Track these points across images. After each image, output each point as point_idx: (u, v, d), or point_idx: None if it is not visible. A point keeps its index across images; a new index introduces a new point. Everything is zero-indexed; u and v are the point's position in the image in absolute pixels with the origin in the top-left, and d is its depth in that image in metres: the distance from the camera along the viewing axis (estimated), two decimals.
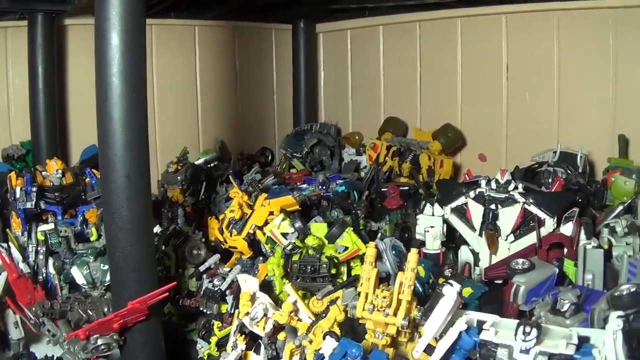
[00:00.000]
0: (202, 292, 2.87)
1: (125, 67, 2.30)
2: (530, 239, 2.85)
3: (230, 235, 3.04)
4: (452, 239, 3.10)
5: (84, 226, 3.18)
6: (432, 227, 3.01)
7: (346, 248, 2.66)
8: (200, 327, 2.84)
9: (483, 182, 2.96)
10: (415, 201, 3.59)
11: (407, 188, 3.64)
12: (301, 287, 2.58)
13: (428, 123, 4.41)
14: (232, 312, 2.72)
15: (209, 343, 2.77)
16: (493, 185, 2.92)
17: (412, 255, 2.12)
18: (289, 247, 2.67)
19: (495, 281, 2.78)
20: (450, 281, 2.13)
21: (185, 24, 4.60)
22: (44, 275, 2.94)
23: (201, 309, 2.80)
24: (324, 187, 3.62)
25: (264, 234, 2.95)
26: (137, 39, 2.34)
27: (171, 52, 4.54)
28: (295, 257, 2.66)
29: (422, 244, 3.04)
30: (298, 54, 5.01)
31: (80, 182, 3.38)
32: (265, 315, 2.46)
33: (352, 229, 2.69)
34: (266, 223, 3.01)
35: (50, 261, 2.85)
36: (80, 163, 3.77)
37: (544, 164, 3.54)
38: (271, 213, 3.01)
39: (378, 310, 2.11)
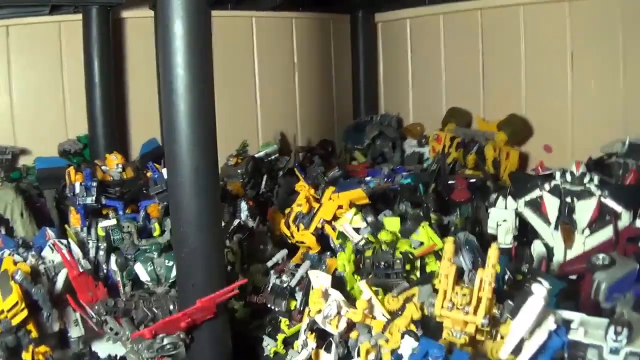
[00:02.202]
0: (269, 289, 2.76)
1: (191, 57, 2.23)
2: (606, 233, 2.72)
3: (298, 230, 2.93)
4: (523, 233, 2.94)
5: (147, 221, 3.12)
6: (504, 220, 2.87)
7: (421, 243, 2.53)
8: (267, 323, 2.74)
9: (557, 175, 2.82)
10: (483, 194, 3.43)
11: (474, 180, 3.49)
12: (374, 284, 2.46)
13: (492, 113, 4.27)
14: (302, 309, 2.62)
15: (276, 340, 2.67)
16: (568, 177, 2.77)
17: (493, 250, 2.01)
18: (361, 243, 2.55)
19: (570, 276, 2.62)
20: (540, 279, 2.00)
21: (242, 15, 4.51)
22: (105, 272, 2.90)
23: (269, 305, 2.71)
24: (390, 180, 3.49)
25: (334, 228, 2.85)
26: (202, 27, 2.25)
27: (229, 43, 4.45)
28: (368, 253, 2.56)
29: (493, 238, 2.88)
30: (357, 44, 4.91)
31: (142, 176, 3.31)
32: (338, 312, 2.34)
33: (427, 223, 2.54)
34: (335, 217, 2.89)
35: (113, 258, 2.80)
36: (141, 157, 3.71)
37: (613, 156, 3.35)
38: (340, 207, 2.89)
39: (457, 308, 2.02)
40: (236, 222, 3.05)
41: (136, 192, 3.27)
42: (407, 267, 2.51)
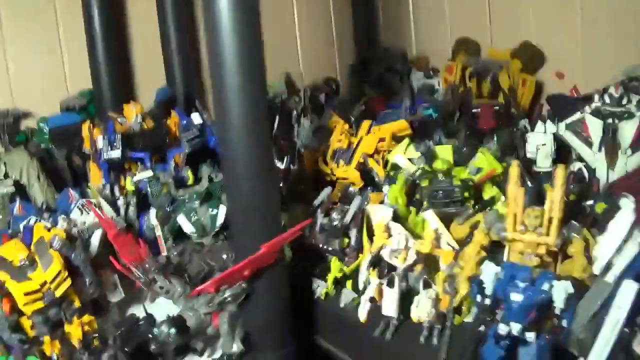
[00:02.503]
0: (317, 228, 2.69)
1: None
2: None
3: (337, 166, 2.85)
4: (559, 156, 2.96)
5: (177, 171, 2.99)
6: (543, 144, 2.85)
7: (478, 170, 2.49)
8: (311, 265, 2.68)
9: (596, 97, 2.80)
10: (507, 120, 3.41)
11: (498, 107, 3.45)
12: None
13: (500, 43, 4.18)
14: (357, 246, 2.56)
15: (326, 281, 2.61)
16: (607, 99, 2.76)
17: (560, 170, 2.01)
18: (417, 173, 2.49)
19: None
20: (625, 194, 1.99)
21: None
22: (137, 228, 2.79)
23: (321, 245, 2.62)
24: (413, 112, 3.44)
25: (377, 161, 2.78)
26: None
27: None
28: (424, 183, 2.50)
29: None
30: None
31: (163, 125, 3.17)
32: (405, 245, 2.31)
33: (486, 148, 2.50)
34: (376, 150, 2.83)
35: (152, 212, 2.69)
36: (157, 105, 3.54)
37: (633, 80, 3.35)
38: (381, 140, 2.81)
39: (529, 230, 1.97)
40: None
41: (161, 142, 3.12)
42: (466, 194, 2.46)
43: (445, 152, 2.61)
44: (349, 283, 2.63)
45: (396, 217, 2.50)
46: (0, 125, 3.57)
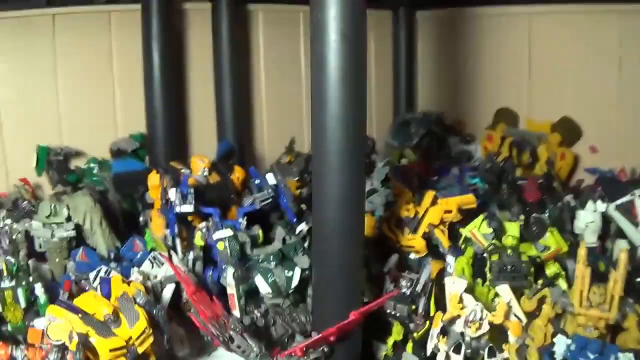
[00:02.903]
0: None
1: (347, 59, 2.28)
2: None
3: (403, 234, 3.04)
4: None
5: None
6: (592, 222, 3.07)
7: (545, 247, 2.69)
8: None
9: None
10: (551, 193, 3.63)
11: (542, 181, 3.68)
12: None
13: (536, 115, 4.45)
14: (424, 312, 2.73)
15: (386, 344, 2.78)
16: None
17: (623, 253, 2.22)
18: (490, 248, 2.68)
19: None
20: None
21: (291, 10, 4.56)
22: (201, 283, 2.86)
23: (388, 311, 2.79)
24: (460, 182, 3.65)
25: (442, 231, 2.97)
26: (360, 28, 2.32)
27: (278, 39, 4.52)
28: (494, 257, 2.68)
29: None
30: (398, 41, 4.99)
31: (228, 180, 3.31)
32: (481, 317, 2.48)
33: (556, 229, 2.71)
34: (442, 221, 3.02)
35: (229, 270, 2.75)
36: (218, 159, 3.67)
37: None
38: (447, 211, 3.00)
39: (592, 306, 2.26)
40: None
41: (227, 198, 3.24)
42: (531, 270, 2.66)
43: (513, 228, 2.79)
44: (409, 347, 2.78)
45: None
46: (50, 162, 3.66)
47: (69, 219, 3.17)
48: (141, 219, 3.48)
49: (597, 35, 4.12)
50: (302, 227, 3.15)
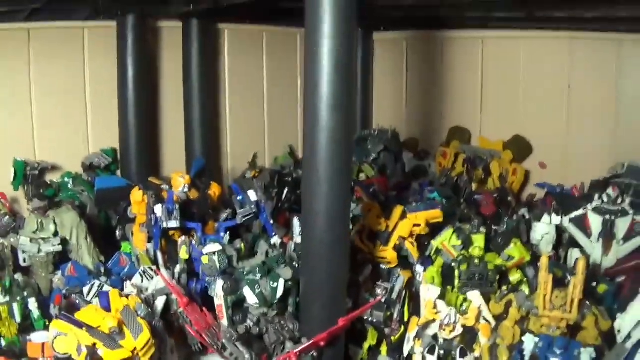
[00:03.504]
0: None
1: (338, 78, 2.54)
2: (634, 243, 3.39)
3: (375, 246, 3.33)
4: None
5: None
6: (546, 234, 3.45)
7: (510, 257, 3.05)
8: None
9: (596, 197, 3.43)
10: (507, 207, 3.98)
11: (497, 195, 4.03)
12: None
13: (487, 132, 4.81)
14: (399, 318, 3.04)
15: (361, 348, 3.09)
16: (605, 199, 3.39)
17: (582, 261, 2.61)
18: (460, 258, 3.02)
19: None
20: None
21: (255, 30, 4.82)
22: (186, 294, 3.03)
23: (365, 317, 3.07)
24: (420, 197, 3.97)
25: (413, 244, 3.28)
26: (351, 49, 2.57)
27: (242, 56, 4.78)
28: (463, 267, 3.02)
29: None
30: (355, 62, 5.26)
31: (207, 196, 3.52)
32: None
33: (519, 240, 3.07)
34: (411, 234, 3.33)
35: (219, 283, 2.94)
36: (194, 176, 3.82)
37: (614, 177, 4.03)
38: (416, 225, 3.32)
39: (555, 308, 2.62)
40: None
41: (206, 213, 3.47)
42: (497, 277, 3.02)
43: (479, 240, 3.13)
44: (383, 350, 3.10)
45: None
46: (27, 176, 3.78)
47: (56, 233, 3.31)
48: (118, 233, 3.66)
49: (547, 60, 4.47)
50: (276, 240, 3.42)
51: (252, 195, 3.44)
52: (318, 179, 2.63)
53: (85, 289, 2.95)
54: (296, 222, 3.32)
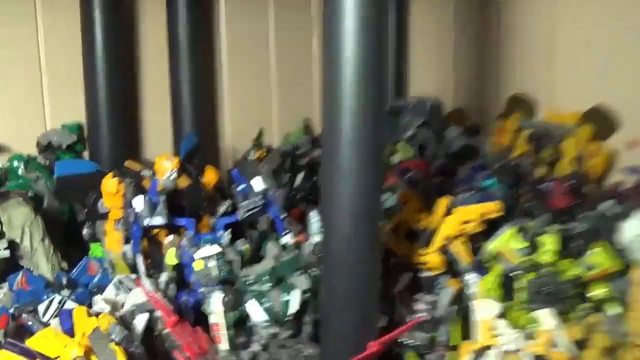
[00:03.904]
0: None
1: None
2: None
3: (413, 249, 3.26)
4: None
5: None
6: (638, 235, 3.35)
7: (592, 265, 2.97)
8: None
9: None
10: (583, 199, 3.89)
11: (574, 181, 3.92)
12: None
13: (562, 103, 4.71)
14: (446, 342, 2.98)
15: None
16: None
17: None
18: (524, 266, 2.94)
19: None
20: None
21: None
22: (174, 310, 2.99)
23: (402, 340, 3.01)
24: (471, 185, 3.89)
25: (463, 246, 3.21)
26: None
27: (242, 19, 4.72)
28: (530, 277, 2.94)
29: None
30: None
31: (200, 184, 3.47)
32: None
33: (608, 243, 2.98)
34: (460, 233, 3.26)
35: (216, 296, 2.91)
36: (184, 159, 3.75)
37: None
38: (466, 222, 3.25)
39: None
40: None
41: (200, 206, 3.42)
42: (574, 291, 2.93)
43: (550, 242, 3.05)
44: None
45: None
46: None
47: (2, 234, 3.25)
48: (85, 232, 3.61)
49: (633, 11, 4.37)
50: (287, 239, 3.37)
51: (258, 183, 3.38)
52: (341, 162, 2.57)
53: (41, 307, 2.88)
54: (314, 216, 3.32)
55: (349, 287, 2.69)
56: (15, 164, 3.82)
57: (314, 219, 3.32)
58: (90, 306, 2.84)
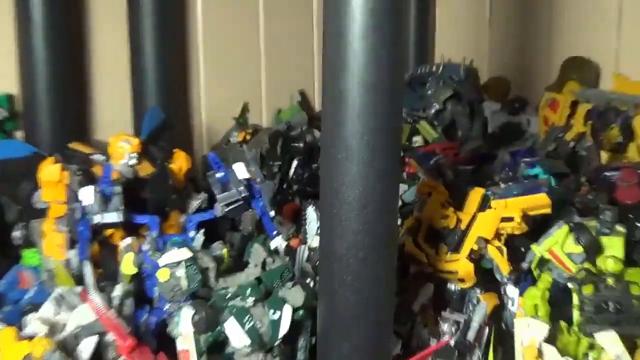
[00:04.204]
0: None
1: None
2: None
3: (437, 253, 3.23)
4: None
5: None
6: None
7: None
8: None
9: None
10: None
11: None
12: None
13: (633, 69, 4.66)
14: None
15: None
16: None
17: None
18: (579, 275, 2.91)
19: None
20: None
21: None
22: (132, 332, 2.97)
23: None
24: (513, 173, 3.88)
25: (501, 250, 3.19)
26: None
27: None
28: (588, 290, 2.91)
29: None
30: None
31: (167, 171, 3.46)
32: None
33: None
34: (497, 234, 3.24)
35: (185, 312, 2.86)
36: (147, 138, 3.72)
37: None
38: (506, 219, 3.22)
39: None
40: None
41: (166, 199, 3.41)
42: None
43: (615, 245, 3.02)
44: None
45: None
46: None
47: None
48: (16, 234, 3.60)
49: None
50: (278, 242, 3.36)
51: (241, 170, 3.38)
52: (347, 146, 2.53)
53: None
54: (311, 213, 3.32)
55: (356, 303, 2.66)
56: None
57: (312, 216, 3.32)
58: (21, 328, 2.80)
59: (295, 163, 4.06)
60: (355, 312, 2.65)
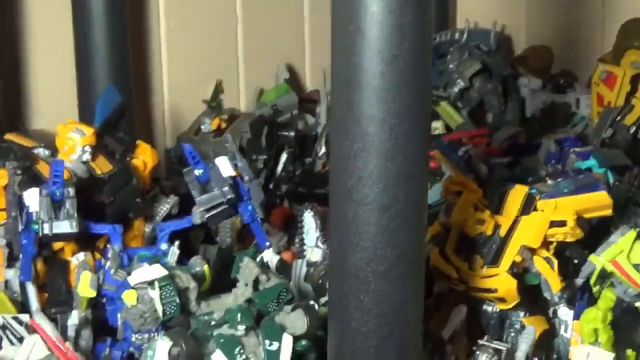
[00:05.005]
0: None
1: None
2: None
3: (471, 267, 3.34)
4: None
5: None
6: None
7: None
8: None
9: None
10: None
11: None
12: None
13: None
14: None
15: None
16: None
17: None
18: None
19: None
20: None
21: None
22: None
23: None
24: (562, 166, 3.98)
25: (551, 263, 3.29)
26: None
27: None
28: None
29: None
30: None
31: (129, 167, 3.55)
32: None
33: None
34: (545, 243, 3.34)
35: (161, 345, 2.88)
36: (104, 124, 3.78)
37: None
38: (557, 224, 3.33)
39: None
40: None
41: (129, 204, 3.50)
42: None
43: None
44: None
45: None
46: None
47: None
48: None
49: None
50: (268, 255, 3.44)
51: (225, 166, 3.43)
52: (363, 133, 2.61)
53: None
54: (309, 220, 3.40)
55: (375, 329, 2.74)
56: None
57: (310, 224, 3.40)
58: None
59: (284, 157, 4.13)
60: (375, 341, 2.72)
